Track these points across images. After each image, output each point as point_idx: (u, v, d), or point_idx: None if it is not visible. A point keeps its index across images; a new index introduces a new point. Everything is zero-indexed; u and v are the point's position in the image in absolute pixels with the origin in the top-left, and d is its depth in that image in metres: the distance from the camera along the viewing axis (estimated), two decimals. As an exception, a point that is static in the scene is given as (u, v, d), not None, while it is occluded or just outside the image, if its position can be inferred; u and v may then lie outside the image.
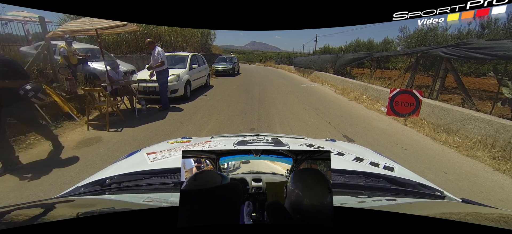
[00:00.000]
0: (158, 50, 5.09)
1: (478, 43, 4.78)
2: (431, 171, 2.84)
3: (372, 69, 10.24)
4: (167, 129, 4.18)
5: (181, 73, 6.39)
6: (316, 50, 29.59)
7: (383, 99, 6.12)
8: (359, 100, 6.98)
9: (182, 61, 7.20)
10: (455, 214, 0.72)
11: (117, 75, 4.95)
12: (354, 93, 7.73)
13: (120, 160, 1.18)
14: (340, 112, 5.67)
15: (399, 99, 4.38)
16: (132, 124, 4.31)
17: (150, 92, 5.76)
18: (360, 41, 23.85)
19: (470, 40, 5.44)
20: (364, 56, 10.10)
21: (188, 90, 6.75)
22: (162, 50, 5.17)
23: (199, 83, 8.15)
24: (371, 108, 6.07)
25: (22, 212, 0.70)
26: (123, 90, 4.98)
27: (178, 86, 6.18)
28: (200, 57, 8.71)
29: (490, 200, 2.30)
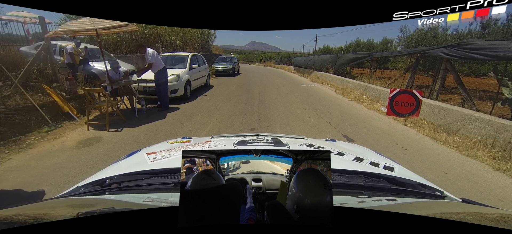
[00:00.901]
0: (149, 52, 5.04)
1: (478, 44, 4.78)
2: (431, 170, 2.84)
3: (372, 69, 10.21)
4: (167, 129, 4.17)
5: (181, 73, 6.40)
6: (316, 50, 29.56)
7: (383, 99, 6.11)
8: (359, 100, 6.96)
9: (182, 61, 7.21)
10: (455, 214, 0.72)
11: (117, 75, 4.95)
12: (354, 93, 7.71)
13: (120, 160, 1.18)
14: (340, 112, 5.66)
15: (399, 100, 4.37)
16: (132, 124, 4.31)
17: (150, 92, 5.74)
18: (360, 41, 23.80)
19: (470, 41, 5.44)
20: (364, 56, 10.07)
21: (188, 90, 6.77)
22: (153, 52, 5.11)
23: (199, 83, 8.15)
24: (371, 108, 6.05)
25: (22, 212, 0.70)
26: (123, 90, 4.97)
27: (178, 86, 6.19)
28: (200, 57, 8.72)
29: (490, 200, 2.30)
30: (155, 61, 5.11)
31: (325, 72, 11.77)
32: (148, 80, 5.42)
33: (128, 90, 5.04)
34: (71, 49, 6.18)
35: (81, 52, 6.52)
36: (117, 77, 4.92)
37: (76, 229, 0.57)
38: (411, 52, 7.34)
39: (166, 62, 7.00)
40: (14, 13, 7.91)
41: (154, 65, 5.13)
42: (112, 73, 4.84)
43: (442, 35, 11.12)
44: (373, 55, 9.83)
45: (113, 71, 4.88)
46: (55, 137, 3.57)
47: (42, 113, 3.88)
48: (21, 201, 2.08)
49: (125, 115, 4.61)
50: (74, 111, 4.43)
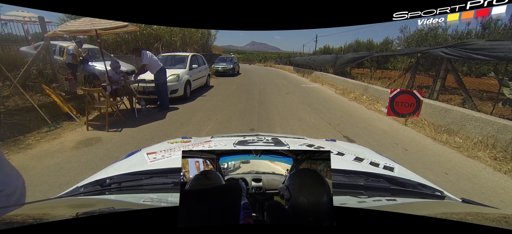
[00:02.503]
0: (144, 54, 4.96)
1: (479, 44, 4.77)
2: (432, 171, 2.84)
3: (372, 69, 10.18)
4: (166, 129, 4.17)
5: (181, 73, 6.39)
6: (316, 51, 29.53)
7: (384, 99, 6.07)
8: (359, 101, 6.95)
9: (182, 62, 7.20)
10: (455, 214, 0.72)
11: (117, 76, 4.94)
12: (354, 93, 7.69)
13: (120, 160, 1.18)
14: (340, 112, 5.63)
15: (399, 100, 4.35)
16: (132, 124, 4.31)
17: (150, 93, 5.72)
18: (360, 41, 23.75)
19: (470, 41, 5.44)
20: (364, 56, 10.05)
21: (188, 90, 6.75)
22: (148, 54, 5.03)
23: (199, 84, 8.14)
24: (371, 109, 6.02)
25: (21, 212, 0.70)
26: (122, 90, 4.96)
27: (178, 86, 6.18)
28: (200, 57, 8.71)
29: (492, 201, 2.29)
30: (149, 62, 5.03)
31: (325, 72, 11.76)
32: (147, 81, 5.38)
33: (128, 90, 5.03)
34: (73, 50, 6.17)
35: (82, 53, 6.51)
36: (117, 77, 4.90)
37: (76, 229, 0.57)
38: (412, 52, 7.32)
39: (166, 62, 7.01)
40: (13, 13, 7.91)
41: (150, 66, 5.07)
42: (112, 73, 4.82)
43: (442, 36, 11.10)
44: (373, 55, 9.83)
45: (113, 71, 4.87)
46: (55, 137, 3.57)
47: (41, 113, 3.88)
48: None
49: (124, 115, 4.61)
50: (74, 112, 4.42)
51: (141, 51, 5.02)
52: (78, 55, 6.32)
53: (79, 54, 6.37)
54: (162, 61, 6.76)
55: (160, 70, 5.23)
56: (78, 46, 6.37)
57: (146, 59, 4.96)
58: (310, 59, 16.18)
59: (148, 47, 12.37)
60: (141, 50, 5.03)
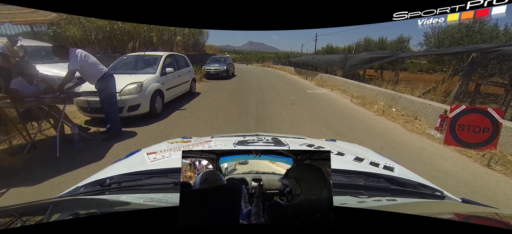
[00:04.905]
0: (73, 54, 3.22)
1: None
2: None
3: (397, 71, 8.56)
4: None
5: (145, 81, 4.56)
6: (318, 50, 29.17)
7: (424, 115, 4.58)
8: (389, 116, 5.17)
9: (152, 64, 5.36)
10: (455, 214, 0.72)
11: (31, 88, 3.09)
12: (377, 104, 6.02)
13: (120, 160, 1.18)
14: (373, 139, 3.87)
15: (465, 122, 3.12)
16: (40, 173, 2.46)
17: (97, 110, 3.96)
18: (370, 39, 22.01)
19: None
20: (385, 56, 8.37)
21: (159, 104, 4.94)
22: (80, 54, 3.26)
23: (178, 92, 6.29)
24: (413, 130, 4.27)
25: (21, 212, 0.70)
26: (42, 110, 3.21)
27: (140, 100, 4.35)
28: (181, 58, 7.08)
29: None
30: (82, 67, 3.29)
31: (332, 74, 10.38)
32: (91, 93, 3.64)
33: (54, 110, 3.37)
34: (2, 48, 4.55)
35: (18, 52, 4.78)
36: (31, 90, 3.08)
37: (76, 229, 0.57)
38: (464, 51, 5.67)
39: (131, 65, 5.46)
40: None
41: (85, 73, 3.41)
42: (19, 84, 3.01)
43: (489, 31, 9.02)
44: (398, 55, 8.09)
45: (22, 81, 3.04)
46: None
47: None
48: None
49: (45, 150, 3.06)
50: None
51: (68, 50, 3.28)
52: (12, 56, 4.60)
53: (13, 55, 4.63)
54: (127, 64, 5.52)
55: (104, 77, 3.47)
56: (11, 43, 4.67)
57: (75, 62, 3.21)
58: (314, 59, 15.03)
59: (123, 46, 10.82)
60: (68, 49, 3.29)
